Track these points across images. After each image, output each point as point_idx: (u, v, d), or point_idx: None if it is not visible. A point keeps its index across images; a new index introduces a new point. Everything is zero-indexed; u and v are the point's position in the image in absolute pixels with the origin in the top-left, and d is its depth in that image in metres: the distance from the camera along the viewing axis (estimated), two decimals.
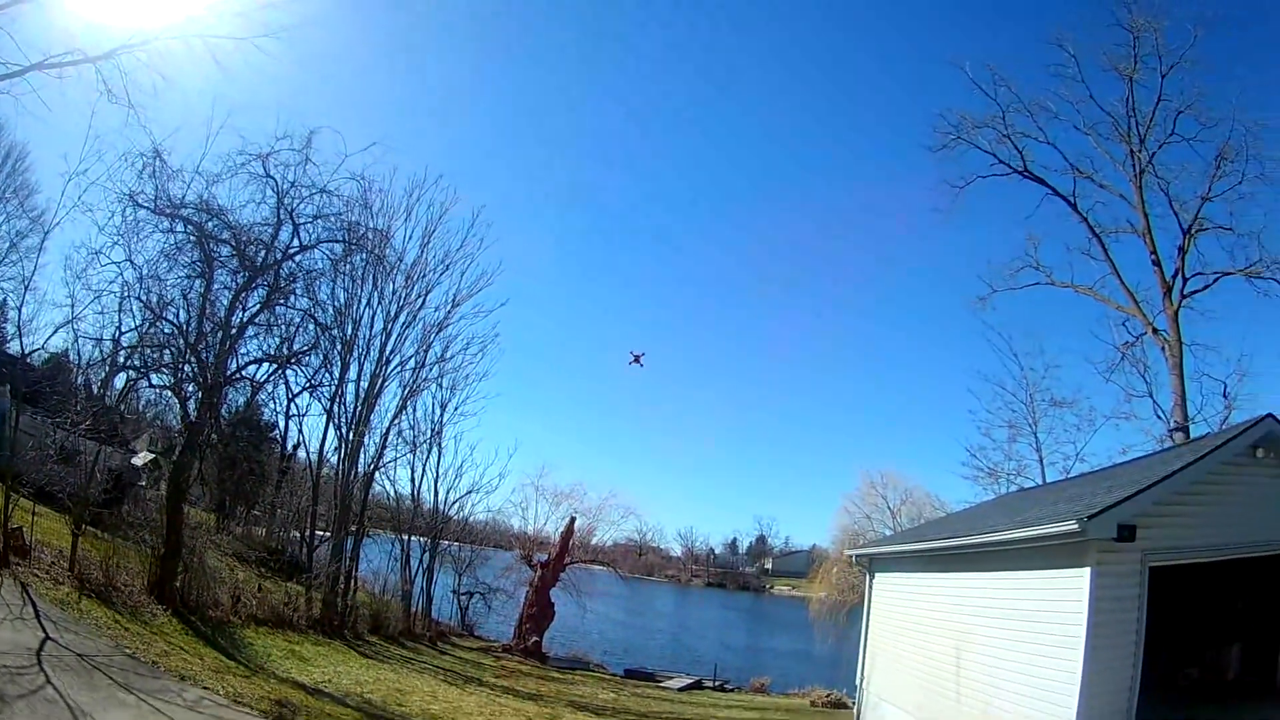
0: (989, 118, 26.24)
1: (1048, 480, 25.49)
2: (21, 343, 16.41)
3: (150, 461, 28.19)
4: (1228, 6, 42.49)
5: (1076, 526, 8.73)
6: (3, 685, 7.38)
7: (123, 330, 16.03)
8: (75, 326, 15.68)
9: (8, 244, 32.84)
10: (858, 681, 16.83)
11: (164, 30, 17.25)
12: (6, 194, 33.20)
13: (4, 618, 9.65)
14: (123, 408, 22.91)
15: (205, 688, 10.04)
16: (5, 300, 35.19)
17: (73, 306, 15.20)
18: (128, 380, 18.31)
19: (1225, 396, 23.63)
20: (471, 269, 27.92)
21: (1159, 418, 24.22)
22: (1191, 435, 18.86)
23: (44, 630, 9.75)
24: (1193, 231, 23.79)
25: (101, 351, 16.23)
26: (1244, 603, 12.76)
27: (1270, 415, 10.47)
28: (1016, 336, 33.55)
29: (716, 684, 28.45)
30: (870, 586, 16.71)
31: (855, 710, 17.23)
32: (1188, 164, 24.33)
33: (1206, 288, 23.82)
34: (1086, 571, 8.94)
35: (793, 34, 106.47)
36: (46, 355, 23.94)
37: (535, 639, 29.20)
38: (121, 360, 16.70)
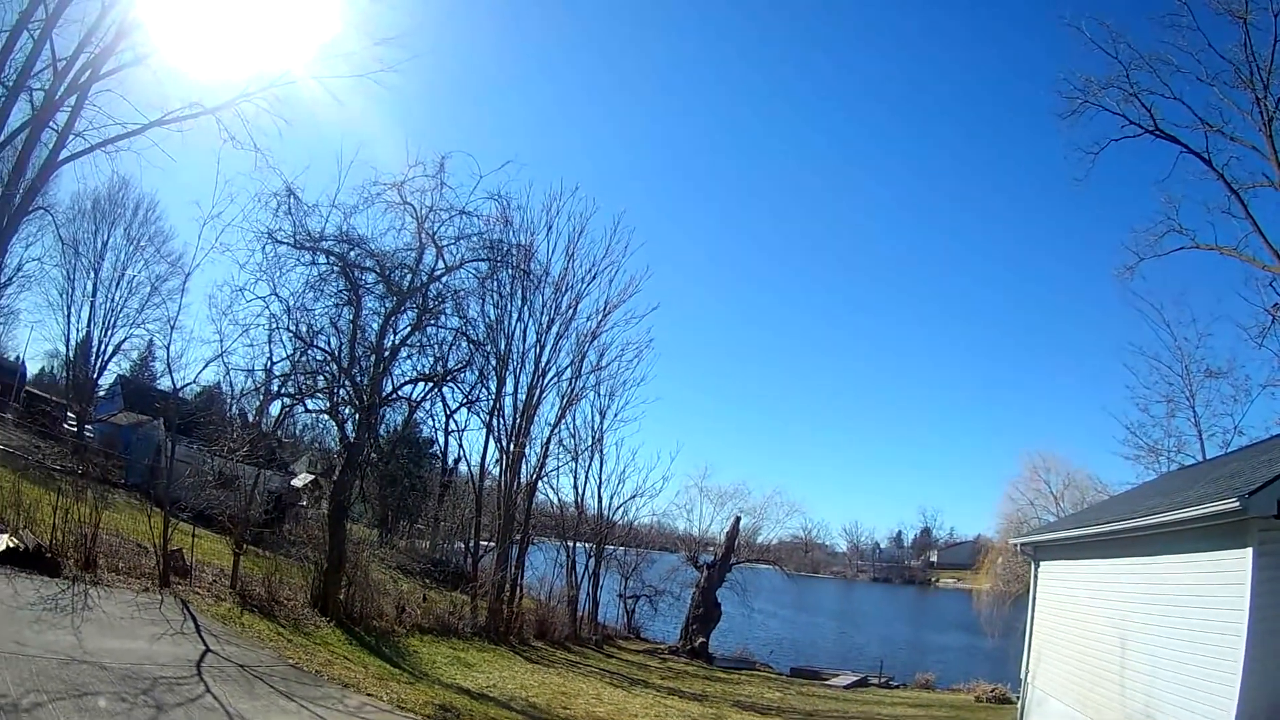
0: (1112, 77, 23.50)
1: (1207, 456, 23.72)
2: (172, 378, 17.25)
3: (310, 482, 29.67)
4: None
5: (1238, 504, 8.16)
6: (161, 694, 7.30)
7: (274, 360, 16.51)
8: (225, 360, 16.18)
9: (149, 288, 36.46)
10: (1022, 675, 15.83)
11: (279, 78, 18.25)
12: (142, 242, 37.08)
13: (164, 633, 9.83)
14: (279, 433, 23.90)
15: (368, 694, 9.85)
16: (152, 340, 38.91)
17: (221, 341, 15.64)
18: (283, 407, 18.86)
19: None
20: (619, 276, 27.82)
21: None
22: None
23: (204, 643, 9.87)
24: None
25: (254, 381, 16.71)
26: None
27: None
28: (1166, 305, 29.94)
29: (881, 681, 27.74)
30: (1034, 576, 15.75)
31: (1019, 705, 16.15)
32: None
33: None
34: (1248, 552, 8.35)
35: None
36: (199, 389, 25.54)
37: (701, 640, 28.73)
38: (275, 388, 17.16)
